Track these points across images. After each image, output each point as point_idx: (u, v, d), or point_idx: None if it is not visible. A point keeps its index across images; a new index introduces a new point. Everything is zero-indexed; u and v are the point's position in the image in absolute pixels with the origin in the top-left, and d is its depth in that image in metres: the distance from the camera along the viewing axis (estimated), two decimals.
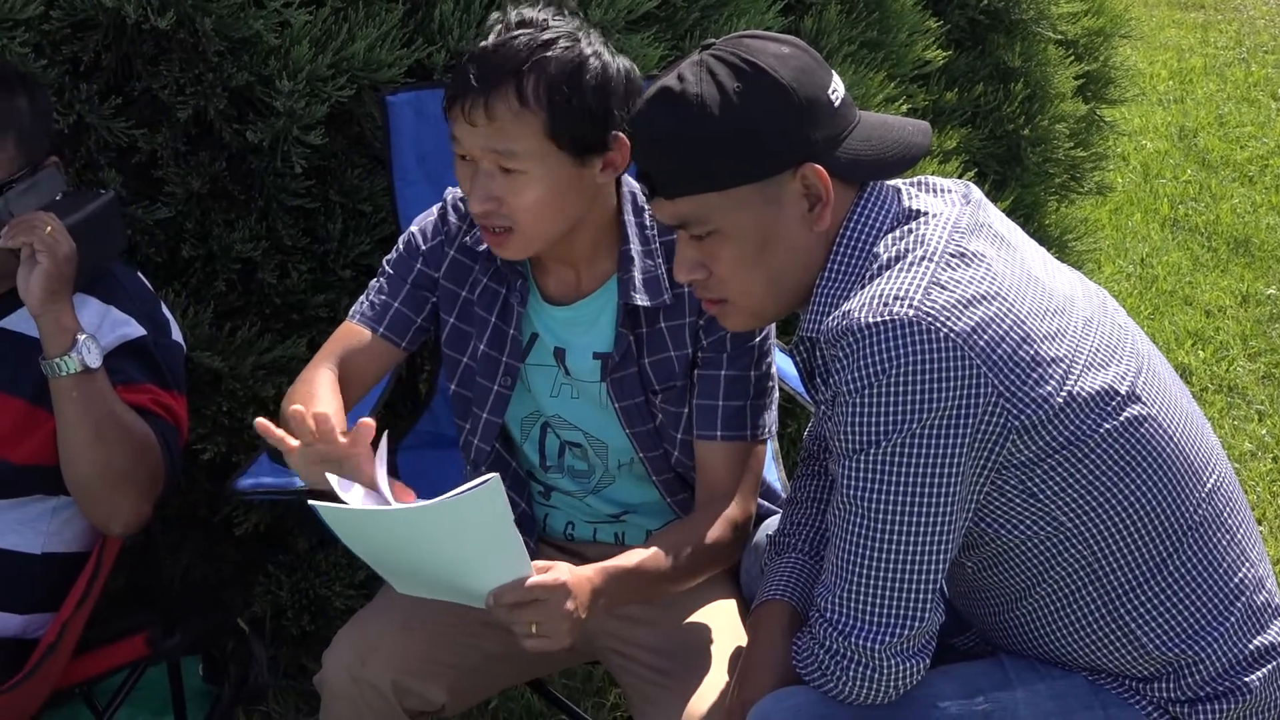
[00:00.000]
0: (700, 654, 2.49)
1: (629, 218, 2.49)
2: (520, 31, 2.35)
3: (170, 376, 2.72)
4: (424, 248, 2.60)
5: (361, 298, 2.65)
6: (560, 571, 2.20)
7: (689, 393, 2.52)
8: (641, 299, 2.47)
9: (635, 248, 2.48)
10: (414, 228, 2.62)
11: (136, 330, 2.69)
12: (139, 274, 2.81)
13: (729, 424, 2.49)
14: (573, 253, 2.49)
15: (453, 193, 2.62)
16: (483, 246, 2.54)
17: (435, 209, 2.63)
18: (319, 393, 2.49)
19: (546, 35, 2.34)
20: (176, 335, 2.78)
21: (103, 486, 2.61)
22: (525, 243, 2.41)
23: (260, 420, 2.26)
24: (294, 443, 2.24)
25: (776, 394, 2.59)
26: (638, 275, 2.47)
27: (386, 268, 2.63)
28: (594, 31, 2.40)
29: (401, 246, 2.63)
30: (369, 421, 2.23)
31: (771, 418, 2.56)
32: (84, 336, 2.55)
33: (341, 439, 2.25)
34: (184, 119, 3.13)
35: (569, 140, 2.34)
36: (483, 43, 2.36)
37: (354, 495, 2.18)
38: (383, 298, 2.61)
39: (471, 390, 2.60)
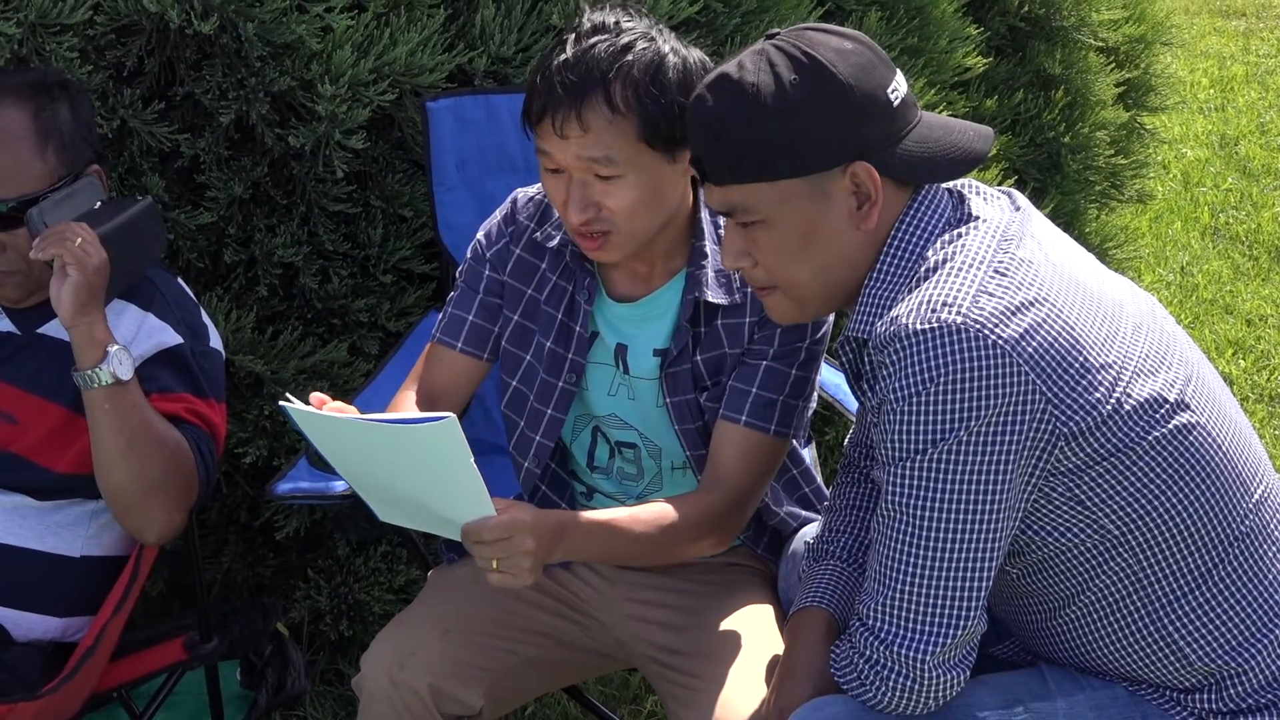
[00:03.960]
0: (735, 659, 2.49)
1: (705, 214, 2.49)
2: (597, 38, 2.34)
3: (207, 384, 2.72)
4: (488, 253, 2.61)
5: (442, 312, 2.66)
6: (521, 511, 2.21)
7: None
8: (714, 295, 2.47)
9: (709, 245, 2.48)
10: (479, 234, 2.64)
11: (173, 338, 2.70)
12: (179, 280, 2.81)
13: (755, 412, 2.48)
14: (653, 249, 2.49)
15: (522, 192, 2.62)
16: (553, 243, 2.54)
17: (500, 210, 2.64)
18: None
19: (624, 39, 2.34)
20: (215, 342, 2.79)
21: (136, 496, 2.61)
22: (624, 243, 2.41)
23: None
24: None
25: (813, 403, 2.58)
26: (710, 271, 2.47)
27: (459, 279, 2.64)
28: (665, 28, 2.40)
29: (470, 255, 2.64)
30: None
31: (800, 423, 2.54)
32: (115, 348, 2.55)
33: None
34: (226, 124, 3.14)
35: (660, 139, 2.34)
36: (560, 55, 2.34)
37: None
38: (457, 313, 2.62)
39: (532, 387, 2.60)
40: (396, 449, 2.10)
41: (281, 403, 2.12)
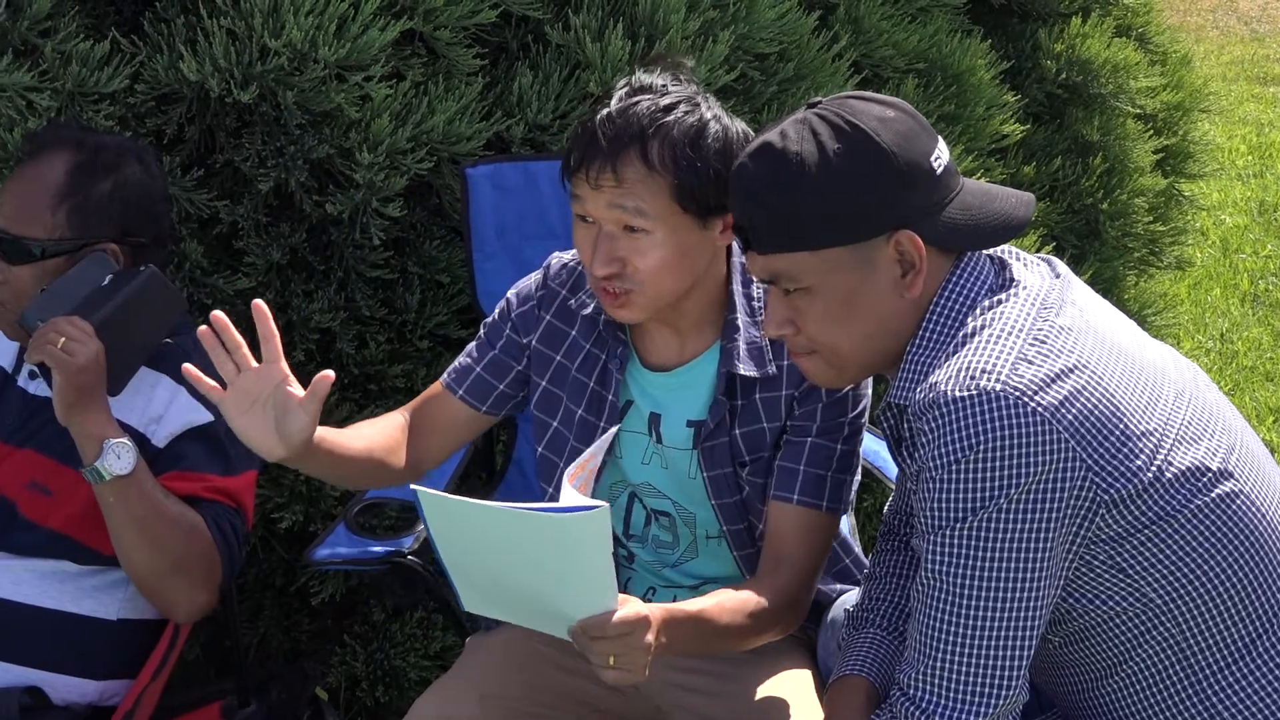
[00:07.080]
0: None
1: (736, 287, 2.49)
2: (641, 97, 2.36)
3: (238, 459, 2.72)
4: (514, 314, 2.62)
5: (457, 358, 2.67)
6: (638, 605, 2.17)
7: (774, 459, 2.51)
8: (745, 368, 2.46)
9: (741, 317, 2.48)
10: (511, 292, 2.64)
11: (204, 416, 2.70)
12: None
13: (807, 490, 2.47)
14: (681, 318, 2.49)
15: (558, 257, 2.63)
16: (587, 310, 2.54)
17: (534, 274, 2.64)
18: (360, 428, 2.55)
19: (667, 100, 2.35)
20: None
21: (156, 580, 2.62)
22: (646, 304, 2.41)
23: (204, 327, 2.26)
24: (222, 390, 2.27)
25: (859, 474, 2.57)
26: (741, 344, 2.47)
27: (482, 330, 2.65)
28: (710, 96, 2.41)
29: (497, 312, 2.65)
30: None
31: (849, 495, 2.54)
32: (112, 442, 2.54)
33: (254, 364, 2.27)
34: (265, 191, 3.16)
35: (694, 203, 2.34)
36: (604, 109, 2.36)
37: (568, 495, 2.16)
38: (468, 361, 2.64)
39: (562, 455, 2.59)
40: (535, 538, 2.05)
41: (413, 486, 2.10)
